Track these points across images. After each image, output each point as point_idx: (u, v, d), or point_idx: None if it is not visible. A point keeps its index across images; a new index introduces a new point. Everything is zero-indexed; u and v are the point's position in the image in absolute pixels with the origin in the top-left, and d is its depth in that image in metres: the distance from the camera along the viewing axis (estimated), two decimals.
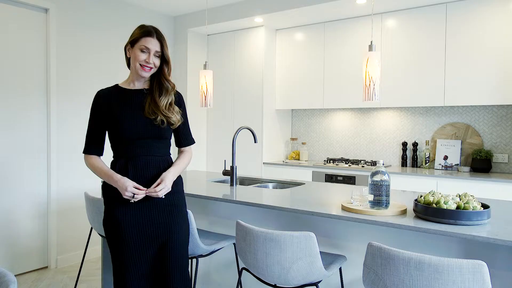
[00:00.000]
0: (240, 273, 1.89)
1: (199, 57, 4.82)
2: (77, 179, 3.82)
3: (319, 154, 4.66)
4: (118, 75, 4.14)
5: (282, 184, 2.92)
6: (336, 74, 4.17)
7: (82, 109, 3.85)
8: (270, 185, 2.95)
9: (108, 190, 1.81)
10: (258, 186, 2.84)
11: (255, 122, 4.46)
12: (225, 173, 2.77)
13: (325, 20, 4.21)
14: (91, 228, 2.68)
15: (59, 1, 3.66)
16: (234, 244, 2.33)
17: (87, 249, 3.61)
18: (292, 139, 4.77)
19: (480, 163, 3.51)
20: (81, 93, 3.85)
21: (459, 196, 1.74)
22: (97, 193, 3.62)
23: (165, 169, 1.84)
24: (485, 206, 1.68)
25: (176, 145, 2.01)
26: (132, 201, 1.73)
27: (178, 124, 1.88)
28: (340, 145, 4.52)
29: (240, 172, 3.92)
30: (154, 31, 1.83)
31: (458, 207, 1.64)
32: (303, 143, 4.65)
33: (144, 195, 1.74)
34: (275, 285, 1.75)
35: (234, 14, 4.27)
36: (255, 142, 2.75)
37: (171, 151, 1.96)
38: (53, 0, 3.61)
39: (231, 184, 2.69)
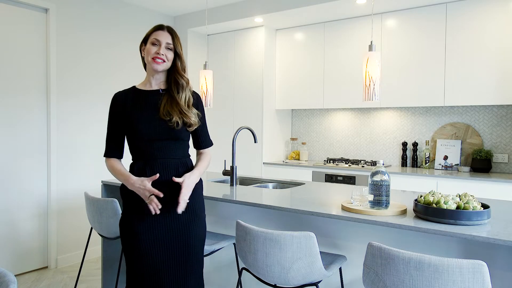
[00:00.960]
0: (240, 273, 1.89)
1: (199, 57, 4.82)
2: (77, 179, 3.82)
3: (319, 154, 4.66)
4: (118, 74, 4.14)
5: (282, 184, 2.92)
6: (336, 74, 4.17)
7: (82, 109, 3.85)
8: (270, 185, 2.94)
9: (126, 192, 1.79)
10: (258, 186, 2.84)
11: (255, 122, 4.46)
12: (225, 173, 2.77)
13: (325, 20, 4.21)
14: (91, 228, 2.68)
15: (59, 1, 3.66)
16: (234, 244, 2.33)
17: (87, 249, 3.61)
18: (292, 139, 4.77)
19: (480, 163, 3.51)
20: (81, 93, 3.85)
21: (459, 196, 1.74)
22: (97, 193, 3.62)
23: (183, 172, 1.79)
24: (485, 206, 1.68)
25: (195, 147, 1.97)
26: (154, 212, 1.68)
27: (196, 126, 1.84)
28: (340, 145, 4.52)
29: (240, 172, 3.92)
30: (166, 26, 1.84)
31: (458, 207, 1.64)
32: (303, 143, 4.65)
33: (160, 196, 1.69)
34: (275, 285, 1.75)
35: (234, 14, 4.27)
36: (255, 142, 2.75)
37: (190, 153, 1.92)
38: (53, 0, 3.61)
39: (231, 184, 2.69)
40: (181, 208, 1.70)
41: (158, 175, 1.70)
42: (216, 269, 2.56)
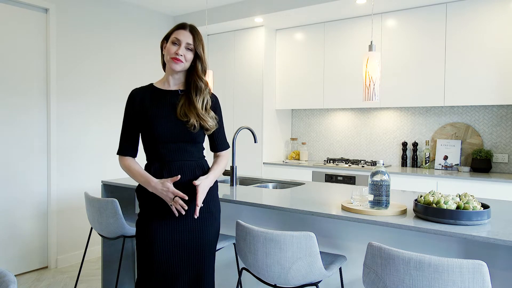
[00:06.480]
0: (240, 273, 1.89)
1: None
2: (77, 179, 3.82)
3: (319, 154, 4.66)
4: (118, 74, 4.14)
5: (282, 184, 2.92)
6: (336, 74, 4.17)
7: (82, 109, 3.85)
8: (270, 185, 2.94)
9: (144, 193, 1.77)
10: (258, 186, 2.84)
11: (255, 122, 4.46)
12: (225, 173, 2.78)
13: (325, 20, 4.21)
14: (91, 228, 2.68)
15: (59, 1, 3.66)
16: (234, 244, 2.33)
17: (87, 249, 3.61)
18: (292, 139, 4.77)
19: (480, 163, 3.51)
20: (81, 93, 3.85)
21: (459, 196, 1.74)
22: (97, 193, 3.62)
23: (200, 174, 1.78)
24: (485, 206, 1.68)
25: (211, 150, 1.93)
26: (177, 214, 1.67)
27: (213, 130, 1.82)
28: (340, 145, 4.52)
29: (240, 172, 3.92)
30: (188, 25, 1.78)
31: (458, 207, 1.64)
32: (303, 143, 4.65)
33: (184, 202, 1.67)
34: (275, 285, 1.75)
35: (234, 14, 4.27)
36: (255, 142, 2.75)
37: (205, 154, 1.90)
38: (53, 0, 3.61)
39: (231, 184, 2.69)
40: (196, 214, 1.68)
41: (179, 176, 1.68)
42: (216, 269, 2.55)
